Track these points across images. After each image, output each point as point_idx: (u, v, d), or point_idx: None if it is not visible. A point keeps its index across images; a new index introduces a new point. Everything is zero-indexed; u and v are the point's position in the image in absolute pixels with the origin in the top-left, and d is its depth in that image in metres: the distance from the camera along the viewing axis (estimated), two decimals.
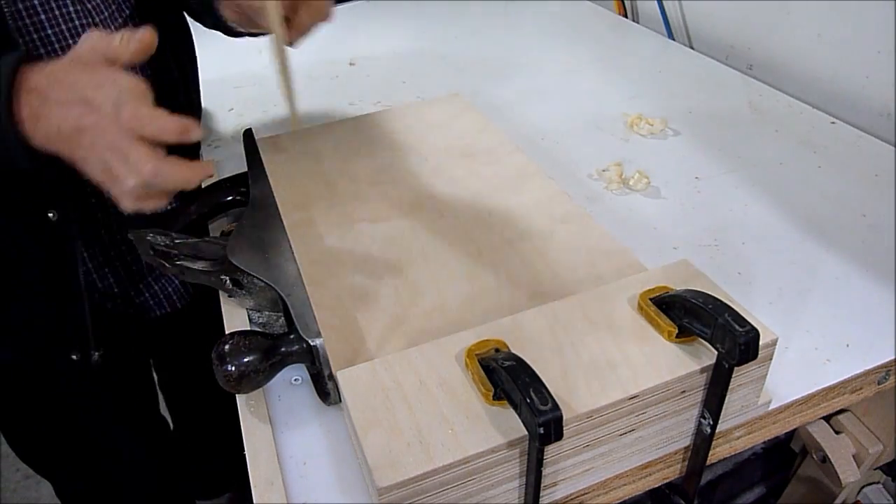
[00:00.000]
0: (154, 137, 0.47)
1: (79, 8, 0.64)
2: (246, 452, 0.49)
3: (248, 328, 0.60)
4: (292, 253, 0.58)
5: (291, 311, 0.53)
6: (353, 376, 0.45)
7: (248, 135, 0.77)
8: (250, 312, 0.61)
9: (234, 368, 0.48)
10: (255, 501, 0.46)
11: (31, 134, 0.49)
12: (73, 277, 0.68)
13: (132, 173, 0.47)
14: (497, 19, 1.29)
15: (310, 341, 0.50)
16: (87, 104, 0.47)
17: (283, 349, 0.50)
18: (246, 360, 0.48)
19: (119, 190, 0.49)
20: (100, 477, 0.90)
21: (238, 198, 0.69)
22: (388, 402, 0.43)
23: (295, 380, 0.55)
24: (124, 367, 0.84)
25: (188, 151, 0.88)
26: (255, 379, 0.49)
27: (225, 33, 0.73)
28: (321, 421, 0.52)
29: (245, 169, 0.72)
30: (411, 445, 0.41)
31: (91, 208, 0.72)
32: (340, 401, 0.47)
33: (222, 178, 0.72)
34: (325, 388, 0.51)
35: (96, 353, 0.73)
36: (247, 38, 0.83)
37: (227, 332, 0.51)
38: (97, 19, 0.65)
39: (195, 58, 0.82)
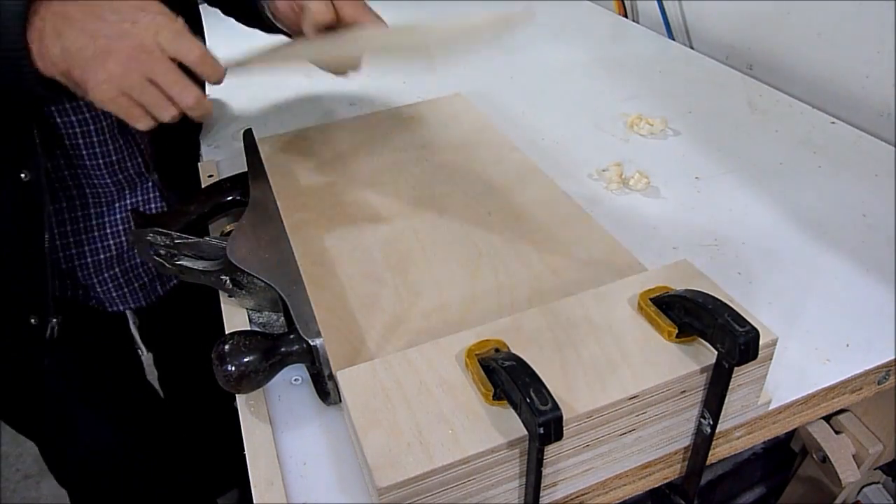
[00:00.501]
0: (192, 67, 0.49)
1: None
2: (246, 452, 0.49)
3: (248, 328, 0.60)
4: (292, 253, 0.58)
5: (291, 311, 0.52)
6: (353, 376, 0.45)
7: (248, 135, 0.77)
8: (250, 313, 0.61)
9: (234, 368, 0.48)
10: (255, 501, 0.46)
11: (37, 54, 0.49)
12: (39, 238, 0.68)
13: (172, 103, 0.50)
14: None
15: (310, 341, 0.50)
16: (120, 28, 0.48)
17: (283, 349, 0.50)
18: (246, 360, 0.48)
19: (140, 114, 0.51)
20: (64, 449, 0.90)
21: (238, 198, 0.69)
22: (388, 402, 0.43)
23: (295, 380, 0.55)
24: (90, 345, 0.84)
25: (188, 143, 0.88)
26: (255, 379, 0.49)
27: (261, 28, 0.74)
28: (321, 421, 0.52)
29: (245, 169, 0.72)
30: (411, 445, 0.41)
31: (63, 179, 0.72)
32: (340, 401, 0.47)
33: (222, 178, 0.72)
34: (325, 387, 0.51)
35: (54, 321, 0.73)
36: (247, 39, 0.83)
37: (227, 333, 0.51)
38: None
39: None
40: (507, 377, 0.40)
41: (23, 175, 0.65)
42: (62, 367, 0.82)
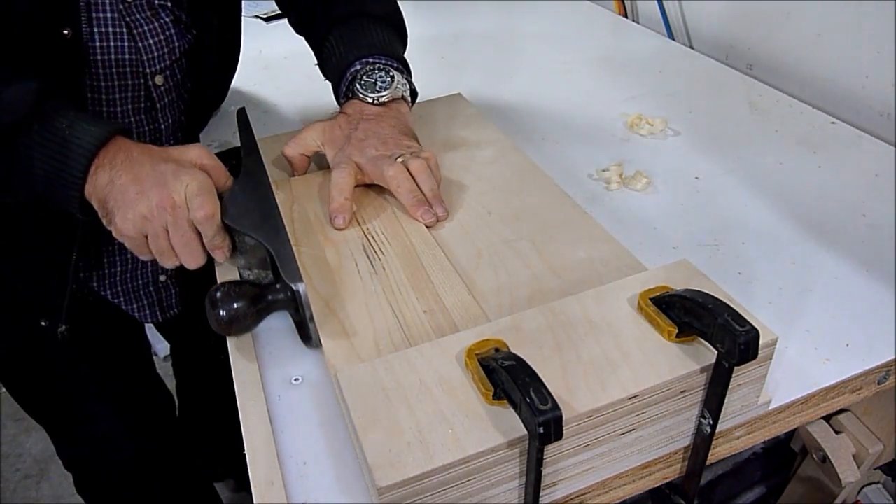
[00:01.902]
0: (195, 223, 0.57)
1: (148, 14, 0.68)
2: (246, 452, 0.49)
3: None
4: (279, 213, 0.61)
5: (277, 263, 0.56)
6: (353, 376, 0.45)
7: (242, 113, 0.78)
8: (241, 270, 0.63)
9: (224, 313, 0.53)
10: (255, 501, 0.46)
11: (88, 180, 0.56)
12: (67, 255, 0.71)
13: (173, 257, 0.58)
14: (497, 19, 1.29)
15: (293, 286, 0.54)
16: (163, 178, 0.56)
17: (269, 297, 0.55)
18: (236, 305, 0.53)
19: (147, 255, 0.58)
20: (71, 435, 0.92)
21: (230, 167, 0.70)
22: (388, 402, 0.43)
23: (295, 380, 0.55)
24: (102, 344, 0.86)
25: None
26: (243, 323, 0.54)
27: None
28: (321, 421, 0.52)
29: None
30: (411, 445, 0.41)
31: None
32: (321, 345, 0.53)
33: (216, 152, 0.72)
34: (307, 332, 0.55)
35: (63, 327, 0.76)
36: (247, 39, 0.84)
37: (218, 282, 0.55)
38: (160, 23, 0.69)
39: (236, 63, 0.87)
40: (507, 377, 0.40)
41: None
42: (72, 362, 0.83)
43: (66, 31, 0.61)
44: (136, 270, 0.81)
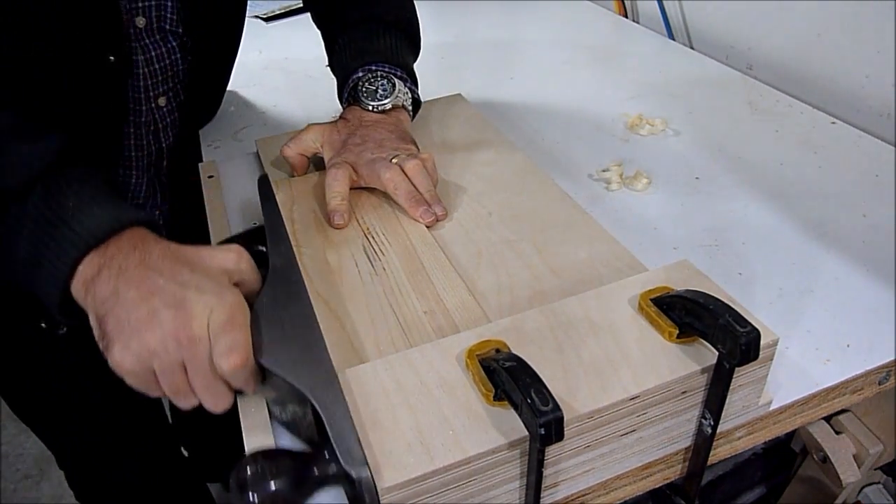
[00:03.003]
0: (231, 381, 0.44)
1: (158, 38, 0.66)
2: (246, 453, 0.49)
3: (272, 444, 0.47)
4: (324, 342, 0.47)
5: (327, 428, 0.42)
6: (353, 376, 0.45)
7: (264, 182, 0.67)
8: (271, 405, 0.50)
9: (257, 499, 0.40)
10: None
11: (83, 284, 0.44)
12: None
13: (191, 398, 0.44)
14: (497, 19, 1.29)
15: (351, 472, 0.40)
16: (183, 294, 0.43)
17: (316, 473, 0.42)
18: (273, 487, 0.40)
19: (157, 393, 0.45)
20: (69, 441, 0.92)
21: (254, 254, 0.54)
22: (388, 402, 0.43)
23: None
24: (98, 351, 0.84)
25: (190, 152, 0.88)
26: None
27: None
28: None
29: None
30: (412, 446, 0.41)
31: None
32: None
33: (233, 234, 0.63)
34: None
35: (63, 329, 0.75)
36: (247, 39, 0.84)
37: (247, 453, 0.42)
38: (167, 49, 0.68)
39: (230, 71, 0.86)
40: (507, 378, 0.40)
41: None
42: (69, 366, 0.83)
43: (111, 58, 0.58)
44: None
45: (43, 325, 0.75)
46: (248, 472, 0.40)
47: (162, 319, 0.42)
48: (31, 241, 0.45)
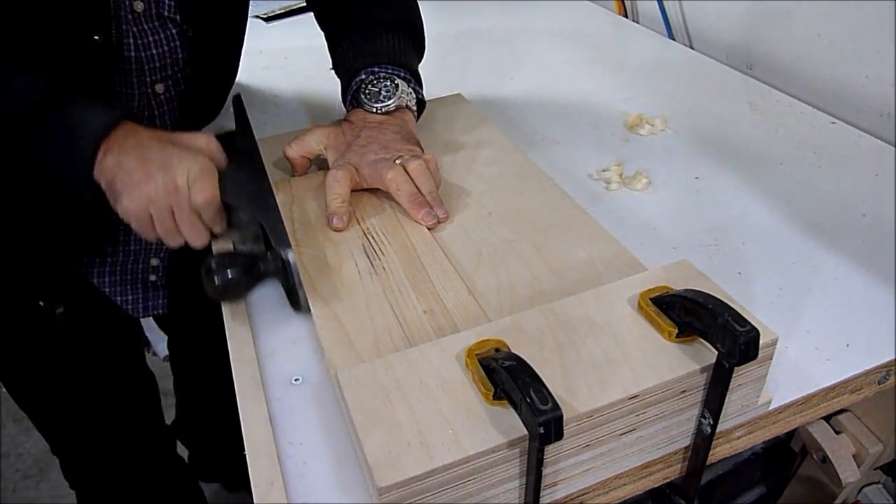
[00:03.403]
0: (204, 216, 0.59)
1: (156, 24, 0.68)
2: (246, 452, 0.49)
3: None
4: (271, 189, 0.64)
5: (267, 231, 0.59)
6: (353, 376, 0.45)
7: (238, 99, 0.78)
8: (236, 245, 0.65)
9: (219, 280, 0.57)
10: (255, 501, 0.46)
11: (97, 162, 0.58)
12: (71, 233, 0.73)
13: (178, 237, 0.59)
14: (497, 19, 1.29)
15: (282, 254, 0.57)
16: (168, 161, 0.58)
17: (261, 265, 0.59)
18: (230, 273, 0.57)
19: (153, 234, 0.59)
20: (61, 427, 0.92)
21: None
22: (388, 402, 0.43)
23: (295, 380, 0.55)
24: (95, 336, 0.86)
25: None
26: (236, 290, 0.59)
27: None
28: (321, 421, 0.52)
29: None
30: (411, 445, 0.41)
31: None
32: (311, 310, 0.56)
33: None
34: (297, 298, 0.58)
35: (61, 308, 0.77)
36: (247, 39, 0.84)
37: (213, 252, 0.59)
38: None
39: (236, 73, 0.86)
40: (507, 377, 0.40)
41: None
42: (65, 348, 0.83)
43: (97, 37, 0.63)
44: (127, 264, 0.81)
45: (41, 303, 0.76)
46: (213, 264, 0.57)
47: (155, 177, 0.57)
48: (55, 146, 0.58)
